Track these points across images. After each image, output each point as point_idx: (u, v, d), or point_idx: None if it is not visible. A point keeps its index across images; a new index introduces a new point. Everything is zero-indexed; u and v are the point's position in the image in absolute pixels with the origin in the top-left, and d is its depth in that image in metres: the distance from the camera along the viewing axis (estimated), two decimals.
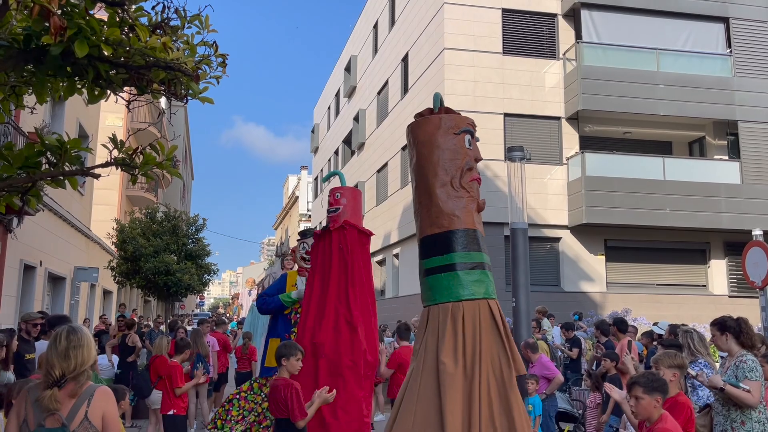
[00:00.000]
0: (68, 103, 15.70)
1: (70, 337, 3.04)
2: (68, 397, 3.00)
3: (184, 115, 45.77)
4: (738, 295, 18.65)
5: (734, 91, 18.77)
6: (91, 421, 3.00)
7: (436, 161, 4.45)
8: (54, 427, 2.93)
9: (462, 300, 4.18)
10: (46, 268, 15.47)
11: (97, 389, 3.08)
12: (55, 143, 3.31)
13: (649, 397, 3.84)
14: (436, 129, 4.51)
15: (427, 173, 4.46)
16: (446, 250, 4.28)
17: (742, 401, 4.70)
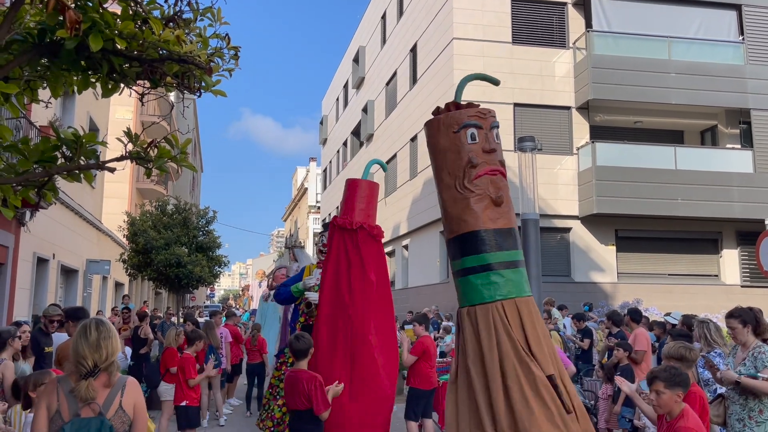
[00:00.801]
0: (79, 97, 15.76)
1: (100, 328, 3.11)
2: (102, 387, 3.07)
3: (193, 108, 45.87)
4: (751, 285, 18.53)
5: (747, 79, 18.56)
6: (126, 410, 3.09)
7: (440, 165, 4.41)
8: (90, 417, 2.99)
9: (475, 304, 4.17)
10: (59, 261, 15.60)
11: (128, 380, 3.18)
12: (71, 137, 3.32)
13: (670, 391, 3.83)
14: (437, 132, 4.45)
15: (437, 179, 4.43)
16: (459, 255, 4.27)
17: (763, 391, 4.68)
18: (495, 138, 4.35)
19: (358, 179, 6.87)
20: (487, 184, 4.21)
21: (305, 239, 49.39)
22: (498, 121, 4.45)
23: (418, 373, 7.52)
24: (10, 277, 12.09)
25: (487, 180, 4.22)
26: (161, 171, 3.58)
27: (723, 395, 5.10)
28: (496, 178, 4.25)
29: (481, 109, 4.43)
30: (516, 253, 4.19)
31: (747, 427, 4.76)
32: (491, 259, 4.14)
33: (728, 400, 4.98)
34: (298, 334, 5.38)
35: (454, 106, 4.43)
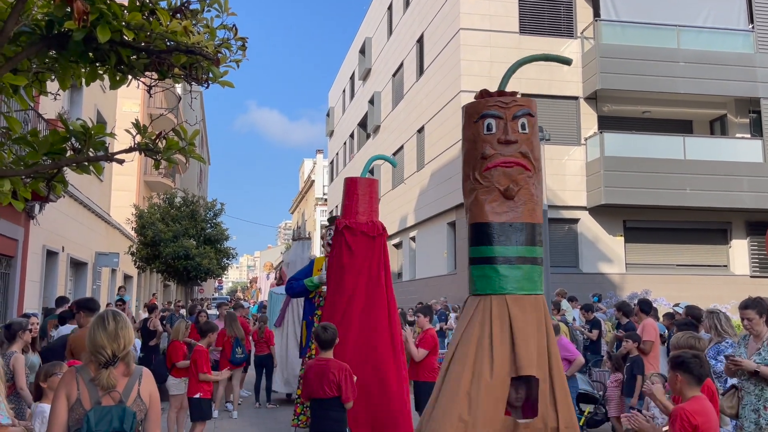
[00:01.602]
0: (86, 89, 15.79)
1: (117, 318, 3.16)
2: (121, 376, 3.12)
3: (200, 100, 45.91)
4: (760, 275, 18.44)
5: (756, 68, 18.39)
6: (143, 399, 3.14)
7: (464, 155, 4.40)
8: (111, 405, 3.03)
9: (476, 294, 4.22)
10: (68, 254, 15.68)
11: (144, 370, 3.23)
12: (80, 129, 3.32)
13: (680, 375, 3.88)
14: (464, 121, 4.42)
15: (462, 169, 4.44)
16: (469, 244, 4.33)
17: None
18: (520, 128, 4.19)
19: (357, 177, 7.00)
20: (498, 177, 4.10)
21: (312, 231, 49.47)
22: (529, 108, 4.29)
23: (426, 367, 7.50)
24: (20, 269, 12.16)
25: (499, 172, 4.10)
26: (170, 162, 3.59)
27: (736, 386, 5.07)
28: (511, 170, 4.11)
29: (505, 98, 4.27)
30: (522, 249, 4.08)
31: (762, 418, 4.73)
32: (490, 252, 4.09)
33: (742, 391, 4.95)
34: (325, 325, 5.47)
35: (486, 93, 4.33)
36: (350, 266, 6.49)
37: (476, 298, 4.16)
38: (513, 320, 3.95)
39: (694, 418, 3.52)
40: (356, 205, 6.68)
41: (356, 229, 6.57)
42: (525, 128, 4.22)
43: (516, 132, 4.16)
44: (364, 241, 6.55)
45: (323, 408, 5.11)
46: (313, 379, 5.15)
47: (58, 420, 3.02)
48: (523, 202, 4.12)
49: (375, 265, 6.55)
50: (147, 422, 3.18)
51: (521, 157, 4.15)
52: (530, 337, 3.96)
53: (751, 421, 4.79)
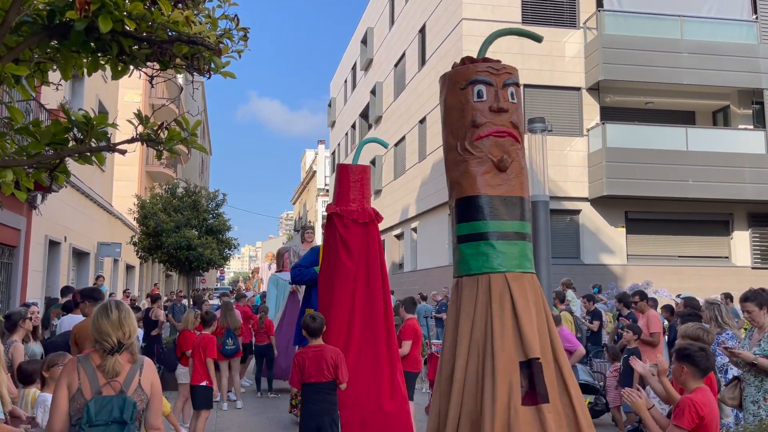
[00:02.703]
0: (88, 80, 15.77)
1: (120, 307, 3.20)
2: (124, 366, 3.14)
3: (202, 91, 45.82)
4: (761, 267, 18.44)
5: (760, 59, 18.31)
6: (144, 389, 3.16)
7: (445, 124, 4.07)
8: (111, 395, 3.05)
9: (462, 275, 3.97)
10: (70, 244, 15.73)
11: (145, 360, 3.25)
12: (82, 119, 3.32)
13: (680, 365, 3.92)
14: (445, 88, 4.12)
15: (443, 139, 4.11)
16: (455, 221, 4.04)
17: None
18: (510, 97, 3.94)
19: (349, 164, 6.97)
20: (490, 147, 3.84)
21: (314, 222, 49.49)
22: (517, 78, 4.06)
23: (408, 356, 7.50)
24: (23, 259, 12.20)
25: (491, 142, 3.85)
26: (172, 153, 3.59)
27: (738, 378, 5.09)
28: (503, 140, 3.86)
29: (494, 64, 4.03)
30: (516, 224, 3.84)
31: (762, 409, 4.75)
32: (484, 227, 3.81)
33: (743, 383, 4.97)
34: (313, 314, 5.71)
35: (469, 60, 4.08)
36: (344, 254, 6.43)
37: (472, 278, 3.86)
38: (515, 300, 3.73)
39: (701, 409, 3.55)
40: (348, 192, 6.65)
41: (346, 216, 6.54)
42: (513, 98, 4.00)
43: (507, 100, 3.94)
44: (355, 228, 6.52)
45: (320, 391, 5.34)
46: (311, 364, 5.35)
47: (59, 409, 3.04)
48: (515, 175, 3.90)
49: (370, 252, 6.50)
50: (148, 411, 3.20)
51: (512, 127, 3.94)
52: (533, 317, 3.75)
53: (750, 413, 4.81)
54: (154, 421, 3.23)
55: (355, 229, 6.53)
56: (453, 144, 3.97)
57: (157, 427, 3.24)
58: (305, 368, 5.38)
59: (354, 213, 6.55)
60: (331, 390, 5.37)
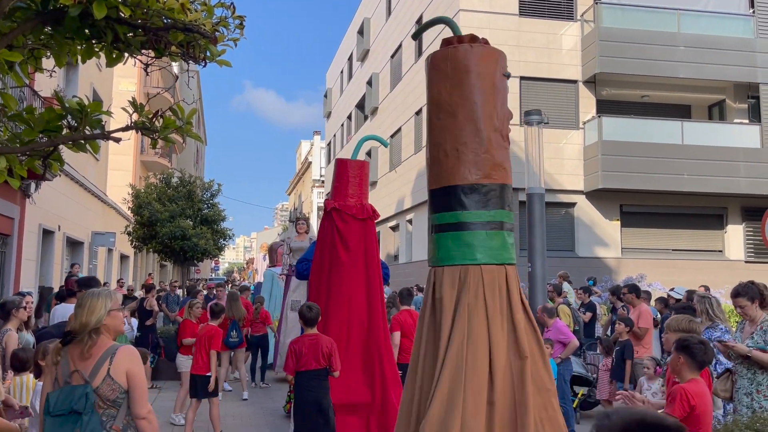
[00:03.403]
0: (82, 68, 15.66)
1: (83, 297, 3.16)
2: (87, 356, 3.06)
3: (197, 80, 45.59)
4: (755, 261, 18.52)
5: (756, 53, 18.32)
6: (114, 379, 3.06)
7: (493, 104, 3.98)
8: (76, 385, 3.02)
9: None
10: (64, 233, 15.67)
11: (120, 348, 3.14)
12: (76, 106, 3.30)
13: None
14: (496, 65, 4.03)
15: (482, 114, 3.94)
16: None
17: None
18: None
19: (347, 159, 6.96)
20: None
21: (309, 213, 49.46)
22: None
23: (403, 349, 7.52)
24: (16, 248, 12.15)
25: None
26: (167, 142, 3.57)
27: (730, 370, 5.11)
28: None
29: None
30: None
31: (755, 401, 4.78)
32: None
33: (736, 375, 4.99)
34: (309, 305, 5.90)
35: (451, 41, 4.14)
36: (342, 249, 6.42)
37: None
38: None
39: (693, 399, 3.57)
40: (346, 187, 6.65)
41: (345, 212, 6.56)
42: None
43: None
44: (353, 223, 6.53)
45: (315, 378, 5.56)
46: (308, 352, 5.55)
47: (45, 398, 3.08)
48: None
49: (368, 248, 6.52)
50: (130, 401, 3.10)
51: None
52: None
53: (744, 405, 4.84)
54: (137, 410, 3.10)
55: (353, 224, 6.53)
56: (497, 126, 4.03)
57: (141, 417, 3.10)
58: (302, 356, 5.56)
59: (353, 209, 6.57)
60: (324, 377, 5.61)
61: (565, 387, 7.69)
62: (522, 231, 16.39)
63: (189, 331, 8.29)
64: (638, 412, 1.47)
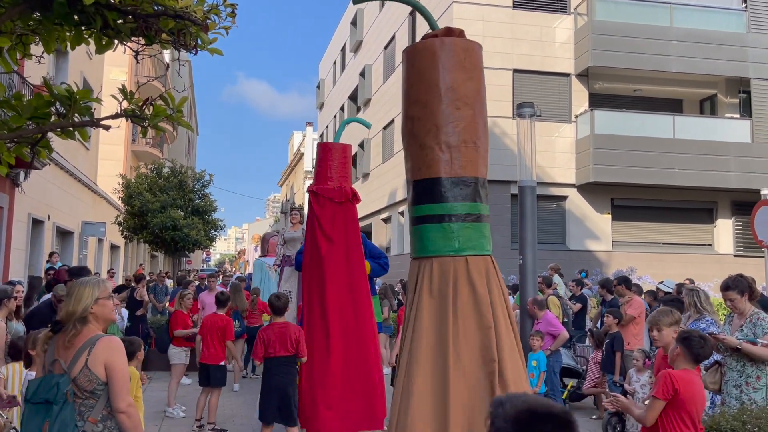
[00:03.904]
0: (72, 56, 15.52)
1: (68, 287, 3.20)
2: (70, 345, 3.04)
3: (188, 70, 45.29)
4: (744, 255, 18.66)
5: (748, 48, 18.39)
6: (92, 369, 3.00)
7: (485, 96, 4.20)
8: (58, 374, 3.00)
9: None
10: (54, 223, 15.56)
11: (101, 338, 3.07)
12: (64, 93, 3.26)
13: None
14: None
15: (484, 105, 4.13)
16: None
17: (763, 357, 4.72)
18: None
19: (330, 143, 6.90)
20: None
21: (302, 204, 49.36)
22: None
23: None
24: (5, 237, 12.07)
25: None
26: (157, 130, 3.54)
27: (719, 362, 5.15)
28: None
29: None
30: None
31: (744, 394, 4.81)
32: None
33: (725, 367, 5.02)
34: (278, 294, 6.19)
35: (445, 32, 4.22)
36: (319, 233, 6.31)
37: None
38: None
39: (677, 382, 3.58)
40: (328, 171, 6.53)
41: (322, 195, 6.42)
42: None
43: None
44: (330, 207, 6.37)
45: (283, 365, 5.79)
46: (276, 340, 5.79)
47: None
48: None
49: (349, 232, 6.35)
50: (110, 394, 3.03)
51: None
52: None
53: (733, 397, 4.87)
54: (116, 404, 3.02)
55: (330, 207, 6.39)
56: None
57: (121, 410, 3.02)
58: (270, 343, 5.79)
59: (330, 191, 6.42)
60: (292, 363, 5.84)
61: (555, 378, 7.74)
62: (513, 223, 16.44)
63: (180, 322, 8.26)
64: (528, 400, 1.54)
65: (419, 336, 3.93)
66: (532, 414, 1.49)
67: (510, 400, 1.55)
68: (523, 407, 1.51)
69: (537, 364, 7.28)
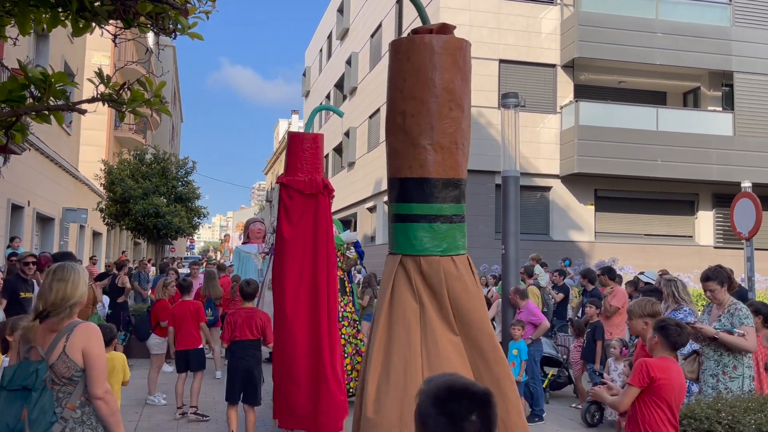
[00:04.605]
0: (53, 39, 15.27)
1: (57, 272, 3.05)
2: (49, 332, 3.01)
3: (172, 54, 44.77)
4: (723, 246, 18.90)
5: (732, 41, 18.53)
6: (69, 356, 2.99)
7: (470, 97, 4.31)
8: (35, 360, 2.97)
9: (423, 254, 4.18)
10: (34, 209, 15.37)
11: (79, 325, 3.06)
12: (39, 76, 3.20)
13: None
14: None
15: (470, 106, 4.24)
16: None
17: (739, 347, 4.79)
18: None
19: (300, 133, 6.69)
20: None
21: None
22: None
23: None
24: None
25: None
26: (135, 115, 3.49)
27: (697, 351, 5.21)
28: None
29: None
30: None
31: (720, 383, 4.88)
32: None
33: (702, 356, 5.09)
34: (249, 280, 6.36)
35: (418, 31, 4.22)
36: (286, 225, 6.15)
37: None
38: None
39: (653, 370, 3.63)
40: (298, 162, 6.30)
41: (292, 187, 6.20)
42: None
43: None
44: (299, 199, 6.18)
45: (249, 348, 5.97)
46: (243, 324, 5.97)
47: None
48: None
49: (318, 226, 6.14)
50: (87, 380, 3.03)
51: None
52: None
53: (709, 386, 4.94)
54: (93, 390, 3.02)
55: (299, 200, 6.19)
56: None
57: (98, 397, 3.03)
58: (237, 327, 5.98)
59: (300, 183, 6.20)
60: (257, 348, 6.02)
61: (536, 367, 7.80)
62: (497, 214, 16.51)
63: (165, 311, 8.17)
64: (450, 379, 1.61)
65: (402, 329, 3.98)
66: (450, 391, 1.56)
67: (435, 379, 1.62)
68: (443, 385, 1.58)
69: (518, 353, 7.33)
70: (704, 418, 4.03)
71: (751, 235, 8.81)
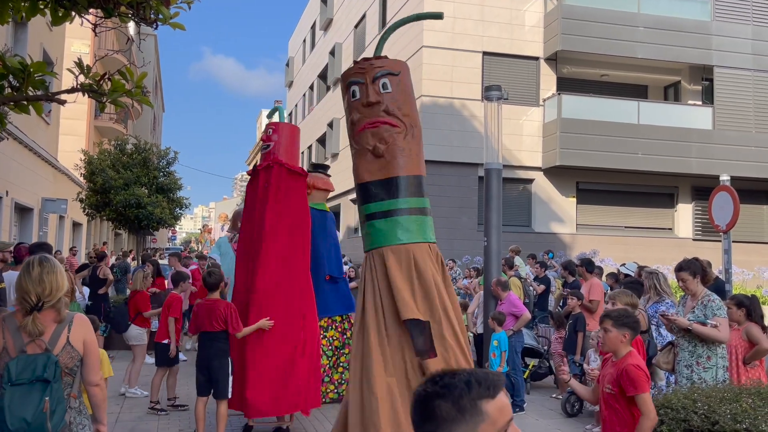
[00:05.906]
0: (31, 27, 15.01)
1: (43, 263, 3.06)
2: (50, 323, 3.03)
3: (154, 44, 44.21)
4: (702, 239, 19.17)
5: (712, 36, 18.72)
6: (74, 346, 3.07)
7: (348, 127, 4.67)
8: (36, 353, 2.96)
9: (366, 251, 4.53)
10: (12, 198, 15.15)
11: (76, 315, 3.15)
12: (18, 66, 3.15)
13: (616, 330, 3.77)
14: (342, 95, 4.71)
15: None
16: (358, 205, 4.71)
17: (713, 338, 4.88)
18: (381, 88, 4.41)
19: (278, 122, 6.71)
20: (367, 138, 4.38)
21: None
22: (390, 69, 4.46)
23: None
24: None
25: (368, 134, 4.38)
26: (116, 105, 3.46)
27: (673, 343, 5.30)
28: (378, 129, 4.35)
29: (364, 63, 4.47)
30: (392, 202, 4.34)
31: (695, 373, 4.98)
32: (369, 209, 4.44)
33: (677, 347, 5.18)
34: (211, 271, 6.28)
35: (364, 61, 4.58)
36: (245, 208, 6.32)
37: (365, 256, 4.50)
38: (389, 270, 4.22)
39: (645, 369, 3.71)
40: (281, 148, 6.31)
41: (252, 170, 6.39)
42: (387, 87, 4.43)
43: (377, 93, 4.38)
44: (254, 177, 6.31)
45: (212, 339, 5.89)
46: (204, 315, 5.89)
47: None
48: (394, 157, 4.37)
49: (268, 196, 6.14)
50: (84, 368, 3.13)
51: (386, 115, 4.39)
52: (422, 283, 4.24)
53: (684, 376, 5.03)
54: (91, 377, 3.14)
55: (254, 178, 6.28)
56: (351, 142, 4.64)
57: (95, 384, 3.15)
58: (199, 318, 5.95)
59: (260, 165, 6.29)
60: (221, 339, 5.88)
61: (517, 358, 7.88)
62: (479, 206, 16.58)
63: (145, 302, 8.13)
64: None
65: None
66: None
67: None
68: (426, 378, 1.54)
69: (498, 344, 7.39)
70: (680, 407, 4.10)
71: (728, 227, 8.93)
